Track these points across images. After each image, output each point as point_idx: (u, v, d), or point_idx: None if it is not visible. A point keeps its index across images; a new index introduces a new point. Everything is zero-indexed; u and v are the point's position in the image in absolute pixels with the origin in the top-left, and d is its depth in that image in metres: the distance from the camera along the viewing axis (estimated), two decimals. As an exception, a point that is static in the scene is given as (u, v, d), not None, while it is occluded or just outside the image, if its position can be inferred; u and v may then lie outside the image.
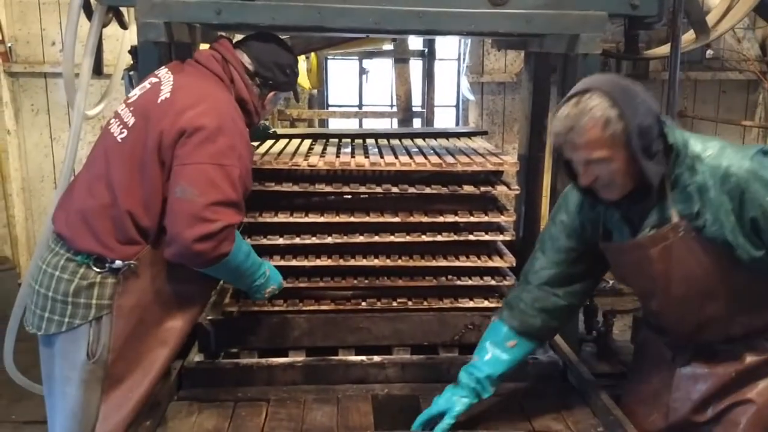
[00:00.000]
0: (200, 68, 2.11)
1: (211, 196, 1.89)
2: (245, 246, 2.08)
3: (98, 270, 1.96)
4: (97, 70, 2.76)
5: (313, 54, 4.72)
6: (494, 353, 2.01)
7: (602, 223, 1.92)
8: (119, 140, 2.01)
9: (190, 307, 2.14)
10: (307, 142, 2.87)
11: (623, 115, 1.63)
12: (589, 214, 1.94)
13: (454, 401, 1.96)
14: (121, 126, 2.03)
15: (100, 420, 1.99)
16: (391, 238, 2.43)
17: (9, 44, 5.29)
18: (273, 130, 2.98)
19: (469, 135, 3.15)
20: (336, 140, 2.97)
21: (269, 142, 2.80)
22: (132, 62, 3.07)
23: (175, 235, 1.90)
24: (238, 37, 2.41)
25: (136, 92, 2.12)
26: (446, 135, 3.12)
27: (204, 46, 3.38)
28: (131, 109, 2.05)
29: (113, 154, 2.00)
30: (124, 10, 2.73)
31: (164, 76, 2.09)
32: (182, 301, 2.10)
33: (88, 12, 2.57)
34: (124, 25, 2.82)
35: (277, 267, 2.40)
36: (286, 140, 2.88)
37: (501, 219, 2.49)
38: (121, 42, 3.36)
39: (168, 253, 1.95)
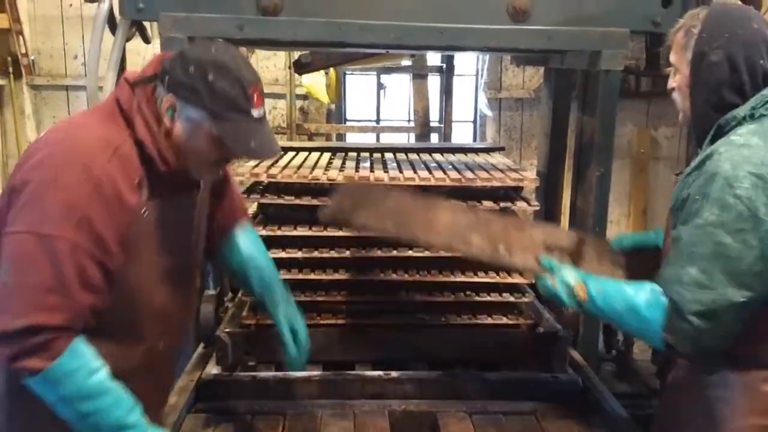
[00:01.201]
0: (109, 97, 1.63)
1: (21, 278, 1.39)
2: (83, 374, 1.42)
3: None
4: (120, 83, 2.79)
5: (331, 69, 4.75)
6: None
7: None
8: None
9: None
10: (326, 156, 2.88)
11: (701, 38, 1.63)
12: None
13: None
14: None
15: None
16: (410, 253, 2.42)
17: (32, 57, 5.38)
18: None
19: (486, 151, 3.14)
20: (354, 154, 2.98)
21: (289, 155, 2.81)
22: (154, 76, 3.10)
23: None
24: (261, 53, 2.41)
25: None
26: (464, 150, 3.11)
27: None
28: None
29: None
30: (147, 24, 2.77)
31: None
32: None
33: (113, 26, 2.60)
34: (147, 40, 2.86)
35: (296, 280, 2.39)
36: (306, 154, 2.89)
37: (520, 235, 2.48)
38: (143, 56, 3.40)
39: None
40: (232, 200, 2.02)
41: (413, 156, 2.97)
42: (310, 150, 2.99)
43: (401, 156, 2.96)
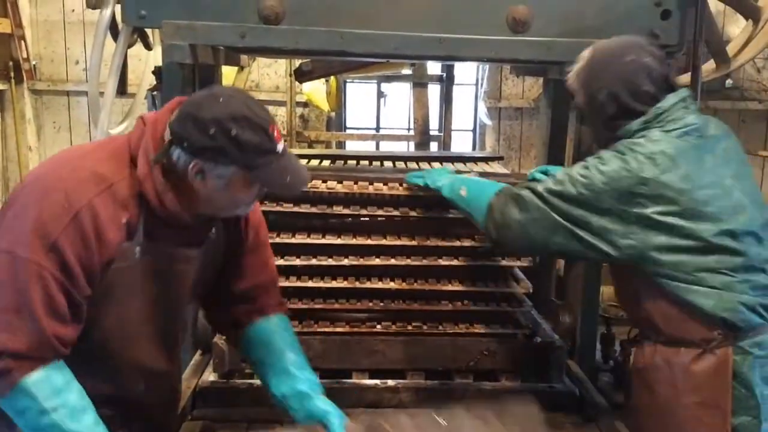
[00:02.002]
0: (128, 134, 1.60)
1: None
2: (41, 421, 1.41)
3: None
4: (121, 89, 2.80)
5: (332, 77, 4.77)
6: None
7: None
8: None
9: None
10: (326, 164, 2.88)
11: (586, 81, 1.90)
12: None
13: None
14: None
15: None
16: (408, 262, 2.43)
17: (34, 62, 5.39)
18: None
19: (485, 160, 3.15)
20: (354, 162, 2.99)
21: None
22: (155, 82, 3.12)
23: None
24: (262, 60, 2.42)
25: None
26: (463, 159, 3.12)
27: (226, 68, 3.44)
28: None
29: None
30: (149, 31, 2.78)
31: None
32: None
33: (114, 33, 2.62)
34: (148, 46, 2.87)
35: (293, 288, 2.40)
36: (305, 161, 2.90)
37: (518, 245, 2.49)
38: (144, 62, 3.42)
39: None
40: (267, 280, 1.90)
41: (412, 164, 2.97)
42: (310, 157, 3.01)
43: (400, 164, 2.97)
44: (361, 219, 2.48)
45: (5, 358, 1.36)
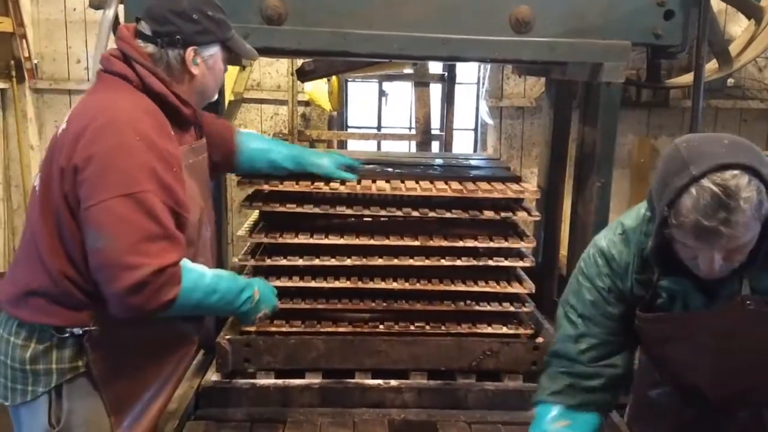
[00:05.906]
0: (106, 76, 1.73)
1: (128, 237, 1.53)
2: (204, 281, 1.67)
3: (58, 335, 1.67)
4: (124, 89, 2.81)
5: (334, 76, 4.76)
6: None
7: (652, 288, 1.66)
8: (36, 188, 1.70)
9: (180, 351, 1.87)
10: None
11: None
12: (640, 276, 1.67)
13: None
14: (39, 172, 1.72)
15: None
16: (411, 262, 2.43)
17: (35, 61, 5.38)
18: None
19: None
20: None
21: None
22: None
23: (105, 292, 1.59)
24: (263, 59, 2.41)
25: None
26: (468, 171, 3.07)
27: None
28: (46, 147, 1.73)
29: (32, 208, 1.70)
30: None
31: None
32: (168, 349, 1.83)
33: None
34: (151, 46, 2.87)
35: (296, 288, 2.40)
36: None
37: (521, 245, 2.49)
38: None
39: (111, 312, 1.62)
40: (217, 123, 2.20)
41: (415, 161, 2.96)
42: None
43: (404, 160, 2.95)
44: (364, 219, 2.48)
45: (168, 270, 1.57)
